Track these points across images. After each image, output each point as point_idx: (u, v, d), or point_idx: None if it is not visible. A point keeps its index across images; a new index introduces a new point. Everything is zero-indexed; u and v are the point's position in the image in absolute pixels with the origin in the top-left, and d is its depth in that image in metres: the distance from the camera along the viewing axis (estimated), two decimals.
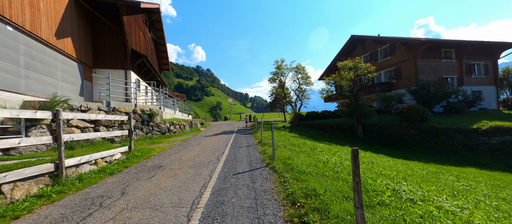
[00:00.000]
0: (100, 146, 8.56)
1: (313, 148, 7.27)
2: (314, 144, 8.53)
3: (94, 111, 9.07)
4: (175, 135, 12.87)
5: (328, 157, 5.88)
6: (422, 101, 14.73)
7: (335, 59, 25.32)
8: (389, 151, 11.13)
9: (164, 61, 24.67)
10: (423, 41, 14.83)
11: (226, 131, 16.08)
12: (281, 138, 10.33)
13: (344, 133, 15.47)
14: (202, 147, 8.48)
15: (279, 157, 5.69)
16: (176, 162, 5.91)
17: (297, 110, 18.66)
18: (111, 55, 13.21)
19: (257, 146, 8.47)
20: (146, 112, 11.51)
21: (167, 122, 12.90)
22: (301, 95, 18.54)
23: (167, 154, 7.17)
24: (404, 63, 17.35)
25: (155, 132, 11.75)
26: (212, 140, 10.89)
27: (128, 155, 6.35)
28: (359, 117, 14.03)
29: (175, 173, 4.81)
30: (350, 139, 14.18)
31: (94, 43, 12.88)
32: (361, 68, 14.28)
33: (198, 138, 11.77)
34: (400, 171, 5.87)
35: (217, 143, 9.52)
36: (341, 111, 15.11)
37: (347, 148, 9.41)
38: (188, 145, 9.14)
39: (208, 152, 7.41)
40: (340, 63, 15.16)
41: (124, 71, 13.38)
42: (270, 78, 19.63)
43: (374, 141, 13.60)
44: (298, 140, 9.48)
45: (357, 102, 14.32)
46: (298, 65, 17.93)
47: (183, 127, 15.08)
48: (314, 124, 17.98)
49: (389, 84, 18.71)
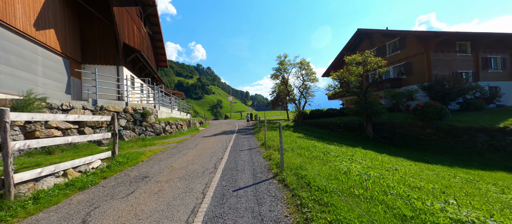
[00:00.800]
0: (84, 149, 7.64)
1: (325, 152, 6.30)
2: (325, 147, 7.56)
3: (78, 110, 8.14)
4: (171, 136, 11.94)
5: (347, 164, 4.91)
6: (436, 97, 13.70)
7: (340, 55, 24.24)
8: (404, 153, 10.15)
9: (162, 58, 23.69)
10: (438, 33, 13.76)
11: (226, 131, 15.14)
12: (287, 139, 9.37)
13: (352, 132, 14.49)
14: (198, 151, 7.53)
15: (288, 164, 4.73)
16: (165, 171, 4.96)
17: (301, 108, 17.67)
18: (102, 50, 12.24)
19: (260, 149, 7.51)
20: (138, 111, 10.57)
21: (163, 122, 11.97)
22: (305, 92, 17.53)
23: (157, 160, 6.22)
24: (415, 58, 16.29)
25: (149, 132, 10.81)
26: (210, 141, 9.95)
27: (110, 162, 5.40)
28: (369, 115, 13.04)
29: (161, 187, 3.86)
30: (360, 139, 13.21)
31: (83, 37, 11.90)
32: (371, 62, 13.25)
33: (195, 139, 10.83)
34: (432, 181, 4.91)
35: (216, 146, 8.58)
36: (349, 109, 14.12)
37: (361, 150, 8.44)
38: (183, 148, 8.20)
39: (204, 157, 6.45)
40: (347, 58, 14.13)
41: (116, 67, 12.42)
42: (273, 74, 18.61)
43: (386, 141, 12.62)
44: (306, 142, 8.52)
45: (366, 99, 13.32)
46: (303, 60, 16.90)
47: (180, 127, 14.14)
48: (319, 123, 17.00)
49: (398, 80, 17.66)
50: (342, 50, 23.32)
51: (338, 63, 25.35)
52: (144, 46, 17.52)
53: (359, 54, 13.86)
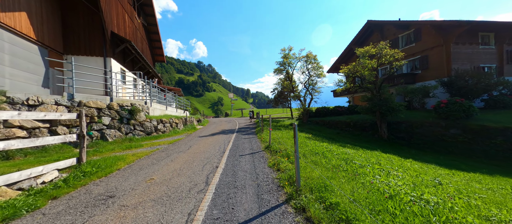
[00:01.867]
0: (56, 152, 6.44)
1: (347, 160, 5.03)
2: (342, 152, 6.29)
3: (50, 106, 6.91)
4: (164, 136, 10.72)
5: (384, 179, 3.65)
6: (458, 94, 12.36)
7: (347, 49, 22.82)
8: (428, 156, 8.88)
9: (158, 52, 22.41)
10: (461, 22, 12.36)
11: (225, 130, 13.90)
12: (292, 140, 8.11)
13: (364, 132, 13.20)
14: (190, 155, 6.29)
15: (306, 180, 3.48)
16: (140, 187, 3.73)
17: (306, 106, 16.37)
18: (87, 39, 10.97)
19: (264, 154, 6.25)
20: (126, 107, 9.34)
21: (154, 120, 10.74)
22: (311, 89, 16.22)
23: (137, 168, 4.99)
24: (432, 51, 14.90)
25: (138, 132, 9.60)
26: (206, 142, 8.71)
27: (70, 173, 4.17)
28: (383, 114, 11.74)
29: (123, 219, 2.63)
30: (373, 140, 11.93)
31: (65, 24, 10.64)
32: (386, 55, 11.89)
33: (190, 140, 9.60)
34: (498, 202, 3.65)
35: (212, 148, 7.34)
36: (361, 107, 12.81)
37: (382, 155, 7.17)
38: (173, 151, 6.97)
39: (196, 164, 5.22)
40: (359, 50, 12.78)
41: (103, 58, 11.16)
42: (276, 69, 17.27)
43: (403, 142, 11.33)
44: (317, 145, 7.25)
45: (380, 95, 12.00)
46: (309, 54, 15.54)
47: (175, 126, 12.92)
48: (326, 122, 15.72)
49: (412, 76, 16.29)
50: (350, 44, 21.89)
51: (345, 58, 23.96)
52: (138, 37, 16.24)
53: (373, 46, 12.50)
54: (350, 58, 23.49)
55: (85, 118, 7.73)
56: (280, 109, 49.17)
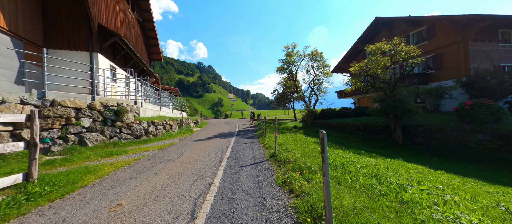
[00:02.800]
0: (17, 161, 5.32)
1: (379, 177, 3.92)
2: (366, 163, 5.17)
3: (14, 105, 5.80)
4: (155, 139, 9.61)
5: (446, 211, 2.53)
6: (479, 95, 11.27)
7: (353, 48, 21.78)
8: (454, 166, 7.76)
9: (154, 50, 21.34)
10: (484, 17, 11.30)
11: (223, 133, 12.78)
12: (301, 146, 6.99)
13: (375, 136, 12.09)
14: (179, 166, 5.18)
15: (337, 214, 2.37)
16: (96, 222, 2.62)
17: (311, 107, 15.27)
18: (70, 32, 9.90)
19: (270, 165, 5.14)
20: (111, 108, 8.24)
21: (145, 122, 9.64)
22: (316, 89, 15.13)
23: (107, 186, 3.88)
24: (448, 48, 13.83)
25: (125, 135, 8.48)
26: (202, 148, 7.60)
27: (8, 197, 3.06)
28: (398, 116, 10.64)
29: None
30: (386, 145, 10.82)
31: (45, 15, 9.57)
32: (401, 51, 10.81)
33: (184, 145, 8.49)
34: None
35: (207, 156, 6.22)
36: (373, 109, 11.72)
37: (414, 166, 6.06)
38: (160, 160, 5.85)
39: (184, 180, 4.10)
40: (370, 47, 11.71)
41: (89, 53, 10.08)
42: (279, 68, 16.18)
43: (421, 148, 10.22)
44: (331, 153, 6.14)
45: (394, 96, 10.91)
46: (314, 51, 14.46)
47: (169, 128, 11.82)
48: (332, 124, 14.61)
49: (424, 75, 15.22)
50: (356, 43, 20.85)
51: (350, 58, 22.91)
52: (131, 33, 15.19)
53: (386, 42, 11.43)
54: (356, 57, 22.44)
55: (60, 120, 6.65)
56: (281, 111, 48.09)
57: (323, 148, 2.14)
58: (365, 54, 21.49)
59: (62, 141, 6.55)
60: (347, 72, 24.19)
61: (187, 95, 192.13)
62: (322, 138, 2.13)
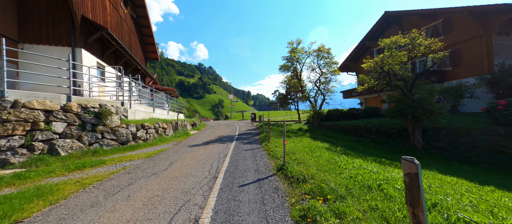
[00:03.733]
0: None
1: (440, 207, 2.76)
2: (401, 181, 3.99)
3: None
4: (145, 145, 8.50)
5: None
6: (506, 94, 10.09)
7: (359, 45, 20.64)
8: (494, 177, 6.59)
9: (150, 48, 20.31)
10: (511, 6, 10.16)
11: (222, 136, 11.65)
12: (313, 154, 5.84)
13: (390, 139, 10.92)
14: (161, 186, 4.05)
15: None
16: None
17: (317, 108, 14.12)
18: (50, 25, 8.85)
19: (278, 182, 4.00)
20: (91, 109, 7.13)
21: (133, 125, 8.53)
22: (323, 88, 13.98)
23: (52, 221, 2.75)
24: (467, 43, 12.67)
25: (108, 141, 7.37)
26: (195, 156, 6.47)
27: None
28: (417, 118, 9.48)
29: None
30: (404, 150, 9.65)
31: (21, 5, 8.52)
32: (421, 45, 9.67)
33: (175, 152, 7.37)
34: None
35: (200, 168, 5.09)
36: (387, 110, 10.57)
37: (454, 181, 4.89)
38: (142, 174, 4.73)
39: (160, 213, 2.98)
40: (384, 41, 10.59)
41: (71, 49, 9.01)
42: (282, 65, 15.04)
43: (445, 154, 9.03)
44: (350, 162, 4.97)
45: (413, 95, 9.76)
46: (321, 47, 13.33)
47: (163, 131, 10.71)
48: (341, 126, 13.44)
49: (440, 73, 14.06)
50: (363, 39, 19.71)
51: (357, 56, 21.79)
52: (124, 30, 14.14)
53: (402, 35, 10.29)
54: (363, 55, 21.30)
55: (24, 124, 5.54)
56: (282, 112, 46.92)
57: (418, 195, 1.00)
58: (373, 51, 20.36)
59: (26, 150, 5.44)
60: (353, 71, 23.06)
61: (187, 97, 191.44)
62: (415, 173, 0.99)
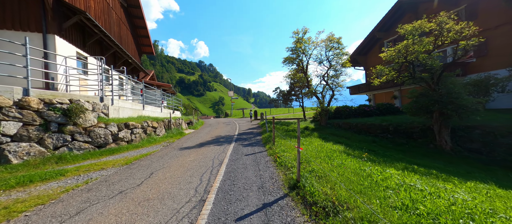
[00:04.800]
0: None
1: None
2: (469, 211, 2.68)
3: None
4: (129, 148, 7.24)
5: None
6: None
7: (368, 37, 19.19)
8: None
9: (144, 41, 18.95)
10: None
11: (220, 136, 10.37)
12: (331, 161, 4.55)
13: (411, 140, 9.61)
14: (124, 213, 2.77)
15: None
16: None
17: (325, 104, 12.78)
18: (15, 7, 7.53)
19: (294, 209, 2.73)
20: (57, 106, 5.85)
21: (114, 124, 7.25)
22: (332, 82, 12.62)
23: None
24: (496, 31, 11.25)
25: (80, 144, 6.11)
26: (182, 165, 5.19)
27: None
28: (446, 115, 8.15)
29: None
30: (430, 153, 8.34)
31: None
32: (450, 30, 8.30)
33: (161, 157, 6.10)
34: None
35: (185, 184, 3.81)
36: (408, 106, 9.23)
37: None
38: (104, 195, 3.46)
39: None
40: (405, 27, 9.24)
41: (42, 35, 7.71)
42: (286, 58, 13.65)
43: (481, 157, 7.70)
44: (381, 171, 3.65)
45: (440, 89, 8.42)
46: (330, 36, 11.91)
47: (153, 131, 9.44)
48: (352, 125, 12.12)
49: (461, 65, 12.66)
50: (373, 31, 18.24)
51: (365, 49, 20.35)
52: (112, 18, 12.77)
53: (426, 19, 8.90)
54: (372, 47, 19.88)
55: None
56: (284, 109, 45.56)
57: None
58: (383, 43, 18.91)
59: None
60: (361, 65, 21.63)
61: (188, 94, 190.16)
62: None
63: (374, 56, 20.24)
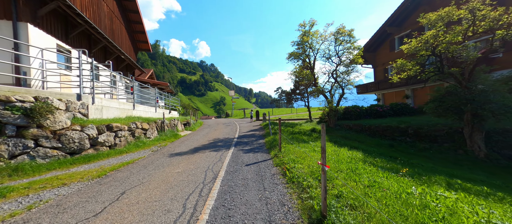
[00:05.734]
0: None
1: None
2: None
3: None
4: (109, 154, 6.17)
5: None
6: None
7: (378, 33, 18.01)
8: None
9: (140, 37, 17.93)
10: None
11: (218, 139, 9.28)
12: (357, 176, 3.43)
13: (435, 144, 8.43)
14: None
15: None
16: None
17: (334, 104, 11.64)
18: None
19: None
20: (16, 105, 4.78)
21: (93, 127, 6.18)
22: (342, 80, 11.47)
23: None
24: None
25: (47, 150, 5.04)
26: (166, 181, 4.09)
27: None
28: (479, 116, 7.00)
29: None
30: (459, 159, 7.19)
31: None
32: (485, 18, 7.15)
33: (144, 168, 5.01)
34: None
35: (165, 209, 2.70)
36: (432, 106, 8.06)
37: None
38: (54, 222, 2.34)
39: None
40: (428, 16, 8.07)
41: (12, 23, 6.68)
42: (292, 53, 12.51)
43: None
44: (441, 202, 2.50)
45: (473, 86, 7.26)
46: (340, 29, 10.76)
47: (143, 134, 8.38)
48: (364, 127, 10.96)
49: (487, 60, 11.44)
50: (384, 25, 17.05)
51: (374, 45, 19.17)
52: (102, 10, 11.74)
53: (455, 7, 7.73)
54: (382, 43, 18.72)
55: None
56: (287, 109, 44.36)
57: None
58: (394, 39, 17.71)
59: None
60: (369, 63, 20.43)
61: (189, 94, 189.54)
62: None
63: (383, 53, 19.06)
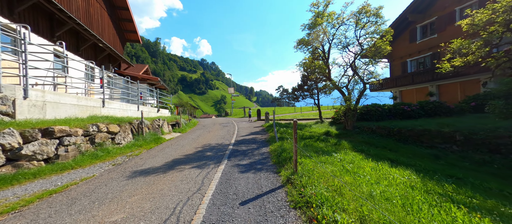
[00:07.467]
0: None
1: None
2: None
3: None
4: (40, 172, 4.13)
5: None
6: None
7: (399, 19, 15.81)
8: None
9: (128, 26, 15.89)
10: None
11: (209, 146, 7.21)
12: None
13: (497, 155, 6.30)
14: None
15: None
16: None
17: (354, 102, 9.52)
18: None
19: None
20: None
21: (14, 131, 4.12)
22: (364, 72, 9.35)
23: None
24: None
25: None
26: None
27: None
28: None
29: None
30: None
31: None
32: None
33: (74, 202, 2.91)
34: None
35: None
36: (495, 105, 5.91)
37: None
38: None
39: None
40: None
41: None
42: (300, 40, 10.35)
43: None
44: None
45: None
46: (365, 6, 8.61)
47: (110, 139, 6.32)
48: (392, 130, 8.83)
49: None
50: (404, 12, 14.87)
51: (394, 34, 16.90)
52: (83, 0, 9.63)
53: None
54: (401, 33, 16.61)
55: None
56: (290, 108, 42.17)
57: None
58: (416, 28, 15.52)
59: None
60: (385, 57, 18.23)
61: (190, 92, 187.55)
62: None
63: (402, 45, 16.90)
